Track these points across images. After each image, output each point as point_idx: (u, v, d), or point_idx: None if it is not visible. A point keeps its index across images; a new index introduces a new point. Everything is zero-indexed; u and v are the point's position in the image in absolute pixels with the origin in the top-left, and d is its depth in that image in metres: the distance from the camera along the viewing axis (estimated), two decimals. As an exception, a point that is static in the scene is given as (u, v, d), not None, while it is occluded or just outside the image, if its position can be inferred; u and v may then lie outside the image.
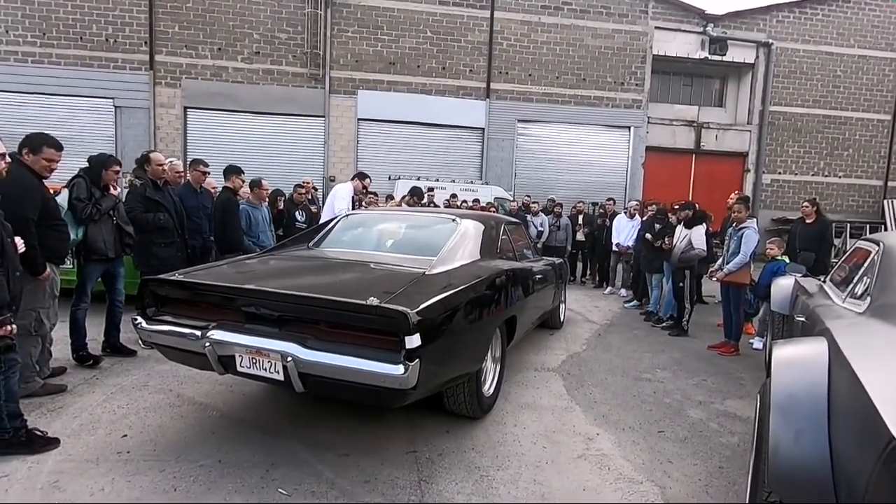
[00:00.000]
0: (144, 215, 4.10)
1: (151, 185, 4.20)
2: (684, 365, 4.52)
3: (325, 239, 3.76)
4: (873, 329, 1.80)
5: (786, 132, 14.75)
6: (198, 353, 2.49)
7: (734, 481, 2.54)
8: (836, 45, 14.52)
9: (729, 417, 3.37)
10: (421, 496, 2.27)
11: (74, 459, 2.46)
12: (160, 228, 4.17)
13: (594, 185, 13.83)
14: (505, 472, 2.53)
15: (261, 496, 2.21)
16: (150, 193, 4.16)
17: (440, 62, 13.15)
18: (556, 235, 8.89)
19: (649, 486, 2.46)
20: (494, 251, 3.65)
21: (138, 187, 4.18)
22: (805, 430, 1.52)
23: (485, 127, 13.44)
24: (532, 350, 4.68)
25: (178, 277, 2.68)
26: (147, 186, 4.17)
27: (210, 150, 11.73)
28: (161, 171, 4.30)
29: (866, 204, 15.14)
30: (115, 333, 4.03)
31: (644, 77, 13.87)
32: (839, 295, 2.60)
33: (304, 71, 12.73)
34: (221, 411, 3.09)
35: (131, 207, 4.06)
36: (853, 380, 1.38)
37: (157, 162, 4.26)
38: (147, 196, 4.14)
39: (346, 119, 13.03)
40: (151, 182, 4.21)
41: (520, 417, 3.19)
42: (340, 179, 12.63)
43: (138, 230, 4.08)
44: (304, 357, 2.22)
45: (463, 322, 2.60)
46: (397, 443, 2.76)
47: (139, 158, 4.29)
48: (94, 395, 3.24)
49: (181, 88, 12.36)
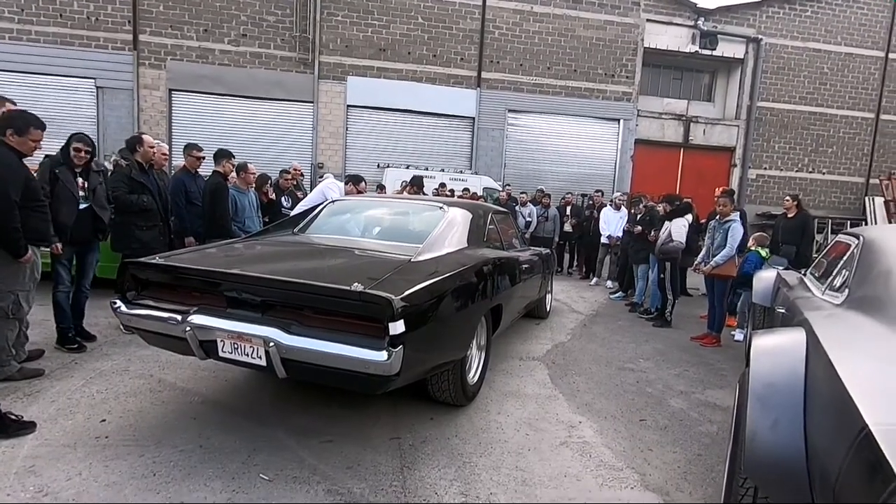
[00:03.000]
0: (128, 196, 4.04)
1: (137, 168, 4.13)
2: (667, 355, 4.58)
3: (310, 225, 3.72)
4: (850, 320, 1.83)
5: (772, 128, 14.89)
6: (178, 338, 2.45)
7: (712, 468, 2.59)
8: (823, 43, 14.65)
9: (709, 407, 3.43)
10: (403, 481, 2.28)
11: (51, 444, 2.42)
12: (143, 211, 4.10)
13: (583, 176, 13.86)
14: (487, 458, 2.54)
15: (242, 482, 2.19)
16: (135, 175, 4.09)
17: (431, 49, 13.01)
18: (543, 226, 8.92)
19: (629, 473, 2.49)
20: (482, 240, 3.64)
21: (123, 168, 4.10)
22: (782, 417, 1.55)
23: (475, 116, 13.36)
24: (518, 339, 4.71)
25: (158, 261, 2.63)
26: (133, 168, 4.10)
27: (196, 134, 11.51)
28: (152, 154, 4.26)
29: (848, 201, 15.39)
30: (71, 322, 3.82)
31: (635, 69, 13.88)
32: (818, 287, 2.64)
33: (292, 55, 12.51)
34: (203, 397, 3.06)
35: (115, 188, 4.00)
36: (829, 369, 1.40)
37: (150, 145, 4.22)
38: (132, 178, 4.07)
39: (335, 105, 12.86)
40: (138, 164, 4.14)
41: (504, 405, 3.21)
42: (329, 167, 12.52)
43: (120, 211, 4.01)
44: (287, 342, 2.20)
45: (448, 309, 2.59)
46: (381, 429, 2.76)
47: (129, 140, 4.23)
48: (72, 380, 3.19)
49: (166, 70, 12.07)
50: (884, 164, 15.03)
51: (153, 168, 4.36)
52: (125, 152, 4.18)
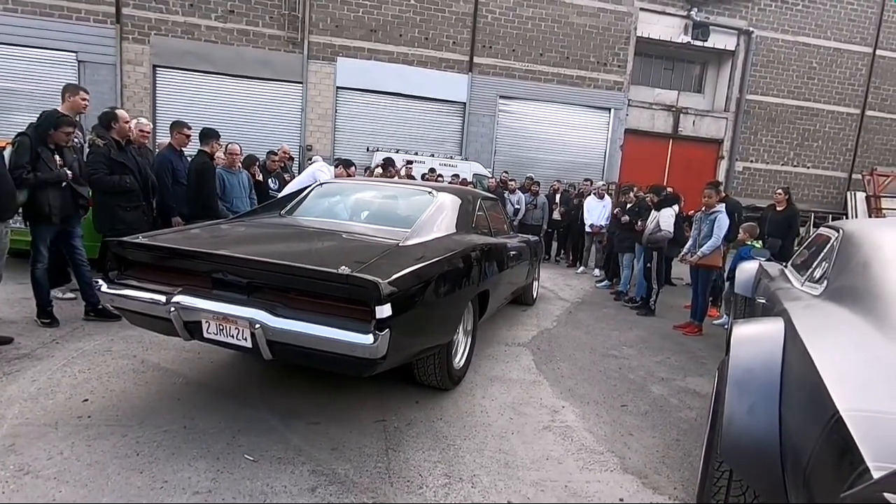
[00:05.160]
0: (109, 178, 3.88)
1: (115, 146, 3.95)
2: (650, 343, 4.66)
3: (297, 207, 3.69)
4: (828, 311, 1.87)
5: (760, 121, 15.03)
6: (163, 319, 2.43)
7: (689, 453, 2.65)
8: (813, 37, 14.75)
9: (689, 394, 3.51)
10: (388, 463, 2.31)
11: (32, 423, 2.40)
12: (126, 192, 3.96)
13: (572, 165, 13.90)
14: (471, 441, 2.58)
15: (226, 462, 2.20)
16: (114, 155, 3.91)
17: (423, 32, 12.84)
18: (532, 214, 8.94)
19: (609, 457, 2.55)
20: (470, 225, 3.64)
21: (101, 147, 3.91)
22: (758, 402, 1.59)
23: (466, 101, 13.27)
24: (504, 325, 4.75)
25: (142, 240, 2.59)
26: (111, 147, 3.92)
27: (181, 112, 11.26)
28: (127, 130, 4.08)
29: (830, 195, 15.66)
30: (92, 293, 3.80)
31: (627, 59, 13.86)
32: (798, 279, 2.70)
33: (281, 34, 12.25)
34: (188, 378, 3.05)
35: (95, 170, 3.84)
36: (805, 357, 1.44)
37: (125, 120, 4.03)
38: (112, 158, 3.90)
39: (325, 87, 12.67)
40: (115, 142, 3.96)
41: (489, 389, 3.25)
42: (317, 149, 12.36)
43: (101, 193, 3.90)
44: (273, 324, 2.19)
45: (435, 294, 2.60)
46: (366, 412, 2.78)
47: (102, 116, 4.00)
48: (53, 360, 3.15)
49: (150, 45, 11.75)
50: (867, 160, 15.29)
51: (131, 144, 4.17)
52: (100, 129, 3.96)
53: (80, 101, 3.86)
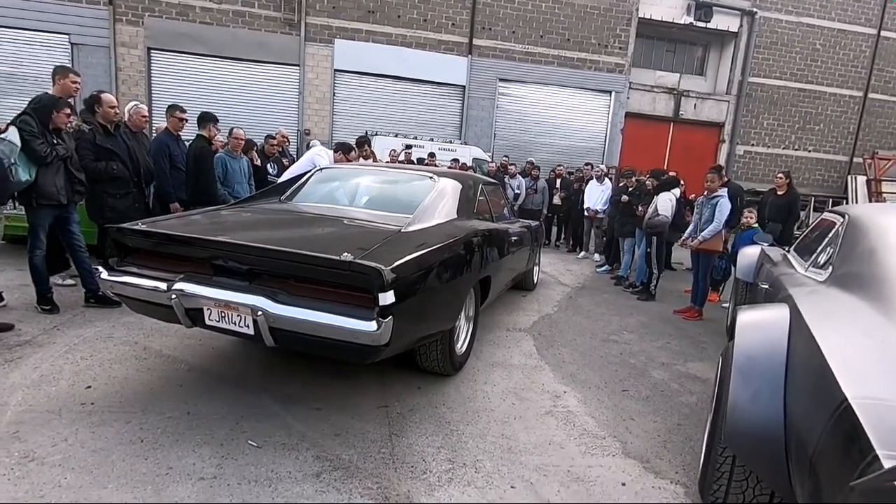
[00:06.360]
0: (95, 164, 3.79)
1: (101, 131, 3.84)
2: (650, 328, 4.67)
3: (298, 193, 3.65)
4: (834, 297, 1.86)
5: (762, 104, 14.89)
6: (164, 306, 2.42)
7: (690, 437, 2.67)
8: (817, 18, 14.53)
9: (689, 378, 3.52)
10: (391, 448, 2.32)
11: (35, 410, 2.40)
12: (114, 179, 3.87)
13: (572, 149, 13.80)
14: (474, 426, 2.59)
15: (230, 448, 2.21)
16: (100, 140, 3.82)
17: (422, 13, 12.62)
18: (532, 198, 8.91)
19: (611, 442, 2.56)
20: (471, 211, 3.62)
21: (87, 133, 3.81)
22: (763, 389, 1.59)
23: (465, 85, 13.11)
24: (505, 311, 4.75)
25: (143, 227, 2.57)
26: (97, 132, 3.82)
27: (176, 95, 11.11)
28: (113, 115, 3.91)
29: (831, 179, 15.60)
30: (92, 280, 3.76)
31: (628, 41, 13.66)
32: (802, 264, 2.68)
33: (277, 15, 12.03)
34: (190, 364, 3.05)
35: (81, 157, 3.75)
36: (811, 344, 1.43)
37: (109, 104, 3.86)
38: (97, 144, 3.80)
39: (322, 69, 12.49)
40: (101, 127, 3.85)
41: (490, 375, 3.26)
42: (315, 134, 12.25)
43: (90, 180, 3.81)
44: (275, 311, 2.18)
45: (437, 280, 2.59)
46: (369, 398, 2.79)
47: (87, 99, 3.89)
48: (55, 346, 3.15)
49: (144, 27, 11.55)
50: (868, 143, 15.20)
51: (119, 128, 4.04)
52: (86, 114, 3.85)
53: (71, 83, 3.72)
